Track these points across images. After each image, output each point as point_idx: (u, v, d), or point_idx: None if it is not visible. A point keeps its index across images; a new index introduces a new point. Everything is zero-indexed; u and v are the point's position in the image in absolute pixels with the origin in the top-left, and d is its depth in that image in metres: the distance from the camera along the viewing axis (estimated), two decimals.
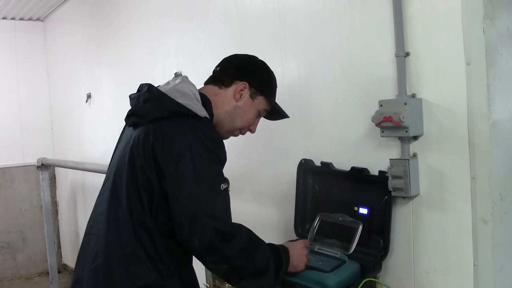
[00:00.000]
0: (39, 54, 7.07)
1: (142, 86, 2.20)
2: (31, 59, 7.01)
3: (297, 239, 2.55)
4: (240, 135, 2.36)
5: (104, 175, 2.30)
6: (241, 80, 2.24)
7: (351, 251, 2.38)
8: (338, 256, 2.39)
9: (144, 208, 2.02)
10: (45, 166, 6.04)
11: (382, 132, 2.31)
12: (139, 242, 2.03)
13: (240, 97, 2.24)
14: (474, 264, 2.15)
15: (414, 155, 2.30)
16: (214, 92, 2.23)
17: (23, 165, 6.87)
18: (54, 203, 7.09)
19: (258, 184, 3.27)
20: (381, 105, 2.30)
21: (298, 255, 2.25)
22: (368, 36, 2.48)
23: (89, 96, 5.81)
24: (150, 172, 2.00)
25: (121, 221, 2.06)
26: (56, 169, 7.06)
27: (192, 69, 3.73)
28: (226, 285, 2.66)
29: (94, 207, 2.27)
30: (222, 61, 2.36)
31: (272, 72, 2.36)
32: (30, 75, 6.99)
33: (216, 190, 2.00)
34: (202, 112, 2.09)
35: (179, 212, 1.96)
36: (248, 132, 2.36)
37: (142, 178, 2.02)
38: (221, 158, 2.07)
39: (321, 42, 2.74)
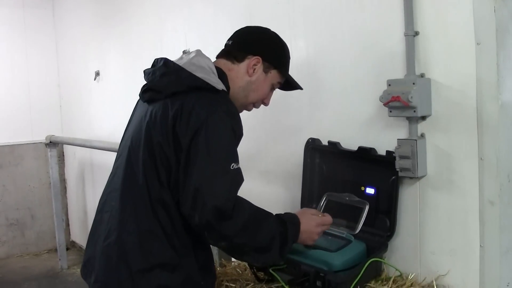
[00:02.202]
0: (48, 30, 7.04)
1: (157, 61, 2.17)
2: (40, 36, 6.99)
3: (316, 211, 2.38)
4: (254, 108, 2.34)
5: (113, 153, 2.29)
6: (254, 55, 2.21)
7: (357, 231, 2.37)
8: (344, 235, 2.39)
9: (163, 184, 2.00)
10: (53, 144, 6.07)
11: (390, 111, 2.30)
12: (156, 218, 2.01)
13: (253, 72, 2.21)
14: (481, 246, 2.14)
15: (422, 135, 2.29)
16: (227, 67, 2.20)
17: (32, 142, 6.89)
18: (63, 181, 7.12)
19: (265, 163, 3.27)
20: (389, 85, 2.29)
21: (309, 232, 2.16)
22: (378, 15, 2.47)
23: (97, 73, 5.80)
24: (167, 147, 1.98)
25: (137, 198, 2.04)
26: (65, 146, 7.08)
27: (201, 45, 3.68)
28: (232, 263, 2.67)
29: (106, 184, 2.25)
30: (234, 34, 2.31)
31: (285, 44, 2.32)
32: (39, 52, 6.97)
33: (225, 169, 1.96)
34: (220, 85, 2.07)
35: (185, 184, 1.94)
36: (254, 111, 2.35)
37: (160, 154, 1.99)
38: (237, 133, 2.04)
39: (331, 21, 2.73)
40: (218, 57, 2.29)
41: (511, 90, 2.10)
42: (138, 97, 2.26)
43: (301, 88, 2.40)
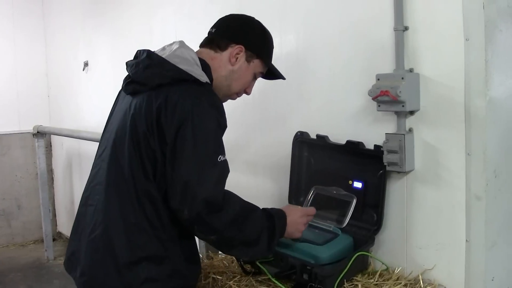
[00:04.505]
0: (36, 20, 6.97)
1: (140, 53, 2.15)
2: (28, 25, 6.91)
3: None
4: (236, 97, 2.33)
5: None
6: (237, 44, 2.20)
7: (345, 224, 2.39)
8: (332, 229, 2.40)
9: (149, 177, 2.00)
10: (41, 134, 6.03)
11: (379, 106, 2.31)
12: (142, 212, 2.01)
13: (236, 61, 2.20)
14: (467, 240, 2.16)
15: (410, 130, 2.30)
16: (210, 56, 2.19)
17: (19, 132, 6.83)
18: (50, 171, 7.08)
19: (253, 155, 3.27)
20: (378, 79, 2.29)
21: (295, 223, 2.20)
22: (367, 10, 2.47)
23: (86, 64, 5.77)
24: (152, 140, 1.97)
25: (123, 191, 2.03)
26: (52, 136, 7.03)
27: (190, 36, 3.69)
28: (219, 255, 2.67)
29: (89, 177, 2.23)
30: (217, 22, 2.30)
31: (269, 33, 2.31)
32: (27, 40, 6.90)
33: (213, 161, 1.96)
34: (203, 78, 2.06)
35: (173, 178, 1.94)
36: (243, 104, 2.34)
37: (145, 146, 1.98)
38: (222, 125, 2.04)
39: (320, 15, 2.73)
40: (201, 45, 2.27)
41: (499, 86, 2.12)
42: (120, 88, 2.25)
43: (283, 78, 2.39)
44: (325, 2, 2.69)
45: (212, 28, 2.28)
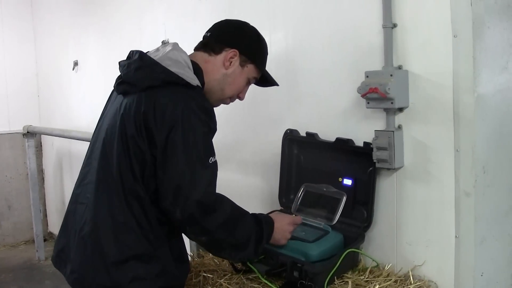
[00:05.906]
0: (25, 20, 6.94)
1: (132, 53, 2.15)
2: (18, 25, 6.88)
3: (292, 213, 2.54)
4: (229, 102, 2.34)
5: None
6: (231, 48, 2.20)
7: (335, 221, 2.39)
8: (322, 226, 2.41)
9: (136, 177, 2.01)
10: (31, 134, 6.01)
11: (368, 103, 2.31)
12: (130, 211, 2.02)
13: (230, 65, 2.20)
14: (456, 236, 2.17)
15: (399, 127, 2.30)
16: (204, 60, 2.20)
17: (9, 132, 6.79)
18: (40, 171, 7.05)
19: (243, 153, 3.27)
20: (367, 76, 2.30)
21: (282, 230, 2.25)
22: (356, 7, 2.47)
23: (76, 63, 5.75)
24: (141, 141, 1.98)
25: (111, 190, 2.04)
26: (42, 136, 7.00)
27: (180, 36, 3.70)
28: (210, 254, 2.67)
29: (80, 175, 2.24)
30: (213, 26, 2.30)
31: (264, 39, 2.32)
32: (17, 41, 6.87)
33: (204, 164, 1.98)
34: (195, 81, 2.06)
35: (165, 181, 1.96)
36: (232, 103, 2.34)
37: (134, 147, 1.99)
38: (212, 128, 2.05)
39: (310, 13, 2.73)
40: (195, 49, 2.27)
41: (487, 83, 2.12)
42: (113, 88, 2.25)
43: (277, 85, 2.40)
44: (314, 0, 2.69)
45: (207, 32, 2.29)
